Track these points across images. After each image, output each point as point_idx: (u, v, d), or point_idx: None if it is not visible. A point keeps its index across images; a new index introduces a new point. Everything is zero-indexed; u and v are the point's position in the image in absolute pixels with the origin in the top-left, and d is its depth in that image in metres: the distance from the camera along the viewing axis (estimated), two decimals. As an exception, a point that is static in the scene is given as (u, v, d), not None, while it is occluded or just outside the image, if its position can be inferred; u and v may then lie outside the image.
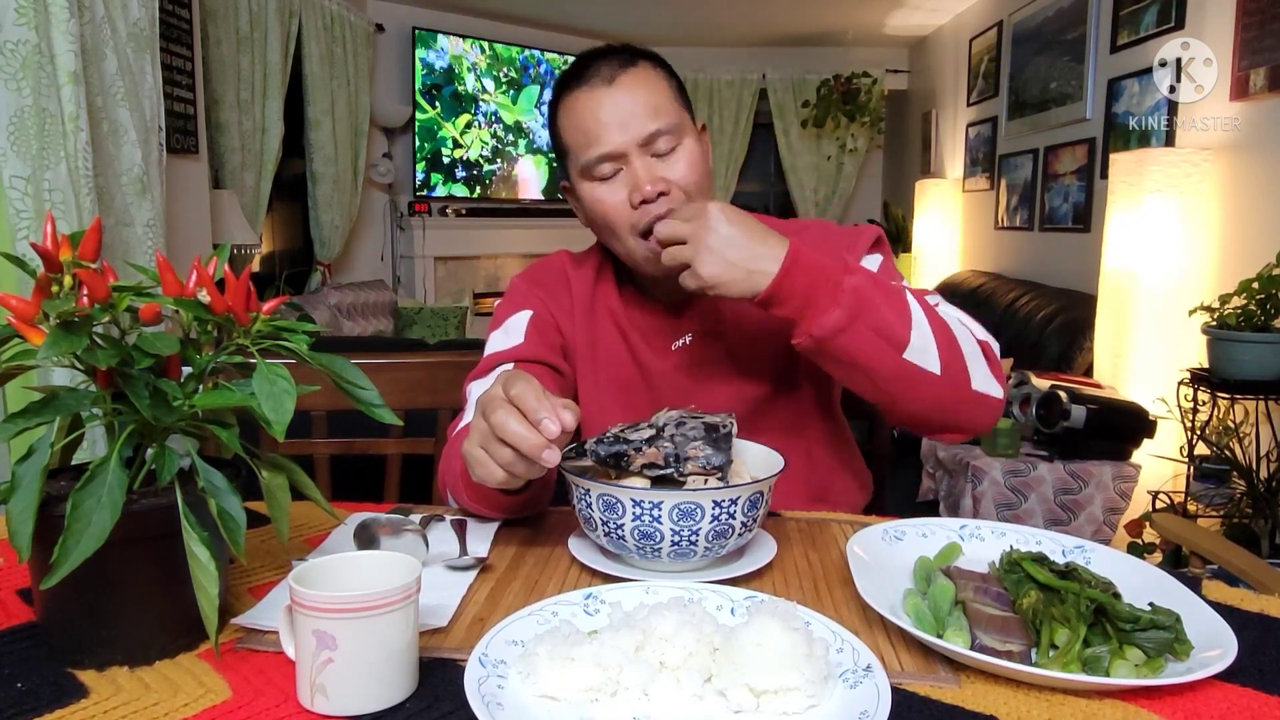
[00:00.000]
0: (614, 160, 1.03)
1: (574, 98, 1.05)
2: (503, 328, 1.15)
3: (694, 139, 1.06)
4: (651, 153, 1.03)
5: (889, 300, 0.93)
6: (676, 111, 1.05)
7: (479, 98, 5.94)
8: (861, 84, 6.37)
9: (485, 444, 0.79)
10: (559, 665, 0.61)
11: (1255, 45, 2.61)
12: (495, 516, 0.96)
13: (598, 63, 1.05)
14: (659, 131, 1.02)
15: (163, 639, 0.67)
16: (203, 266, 0.70)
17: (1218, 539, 1.89)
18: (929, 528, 0.88)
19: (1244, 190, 2.68)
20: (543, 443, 0.75)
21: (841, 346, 0.91)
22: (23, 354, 0.65)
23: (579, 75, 1.06)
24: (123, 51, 2.22)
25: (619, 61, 1.05)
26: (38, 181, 1.92)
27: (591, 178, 1.05)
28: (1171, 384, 2.61)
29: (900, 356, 0.92)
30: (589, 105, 1.03)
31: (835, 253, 1.03)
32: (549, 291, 1.18)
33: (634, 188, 1.02)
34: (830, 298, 0.90)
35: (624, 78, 1.03)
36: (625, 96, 1.02)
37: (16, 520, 0.60)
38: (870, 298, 0.91)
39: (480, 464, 0.80)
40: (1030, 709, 0.61)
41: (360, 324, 4.86)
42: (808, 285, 0.90)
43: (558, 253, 1.24)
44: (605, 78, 1.03)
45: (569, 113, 1.06)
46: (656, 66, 1.07)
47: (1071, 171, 3.93)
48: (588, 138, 1.03)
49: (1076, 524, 2.59)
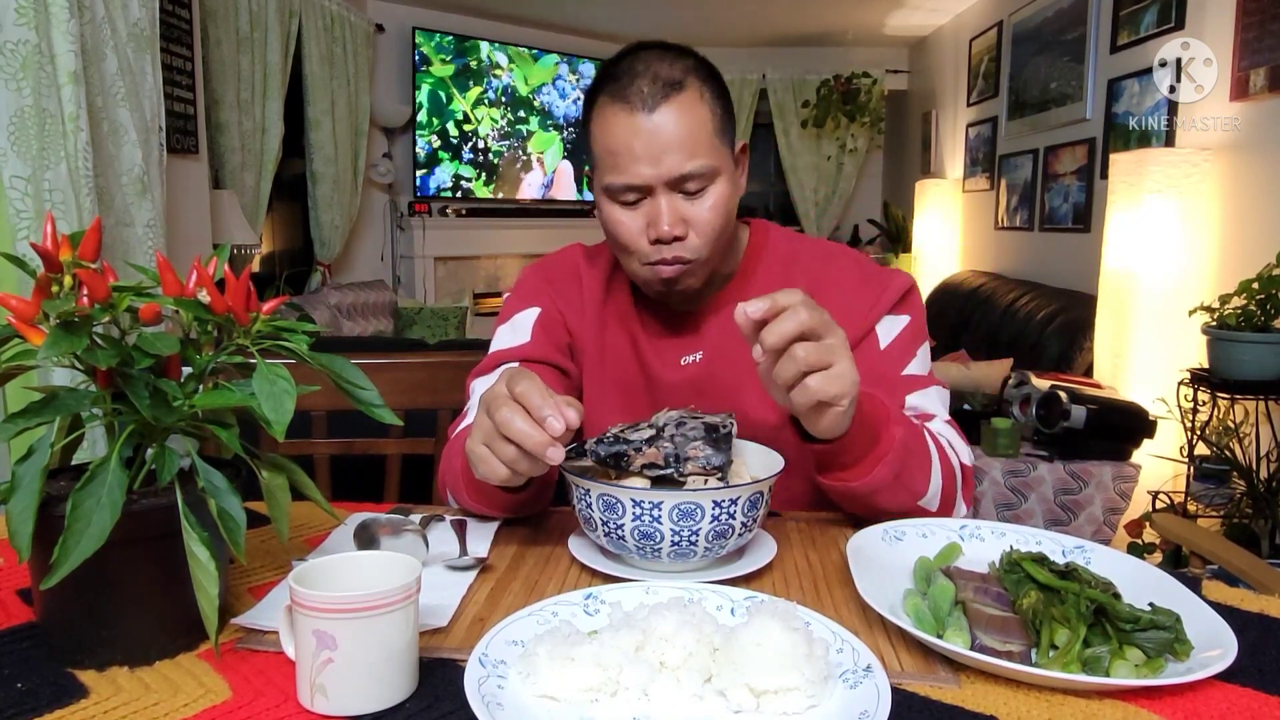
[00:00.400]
0: (638, 191, 0.99)
1: (612, 111, 0.98)
2: (509, 324, 1.14)
3: (725, 181, 1.00)
4: (679, 190, 0.99)
5: (920, 454, 0.92)
6: (714, 150, 0.99)
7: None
8: (861, 84, 6.37)
9: (489, 441, 0.79)
10: (559, 665, 0.61)
11: (1255, 45, 2.61)
12: (496, 515, 0.96)
13: (643, 75, 0.97)
14: (690, 175, 0.97)
15: (163, 639, 0.67)
16: (203, 266, 0.70)
17: (1218, 539, 1.89)
18: (929, 528, 0.88)
19: (1244, 190, 2.68)
20: (547, 440, 0.75)
21: (874, 502, 0.91)
22: (23, 354, 0.65)
23: (621, 84, 0.98)
24: (123, 51, 2.22)
25: (665, 85, 0.96)
26: (38, 181, 1.92)
27: (613, 199, 1.01)
28: (1171, 384, 2.61)
29: (914, 503, 0.93)
30: (623, 130, 0.97)
31: (858, 317, 1.04)
32: (559, 288, 1.16)
33: (652, 223, 0.99)
34: (881, 452, 0.88)
35: (665, 108, 0.96)
36: (663, 130, 0.96)
37: (16, 520, 0.60)
38: (910, 455, 0.90)
39: (483, 461, 0.80)
40: (1030, 709, 0.61)
41: (360, 324, 4.86)
42: (865, 441, 0.87)
43: (571, 246, 1.21)
44: (646, 102, 0.96)
45: (602, 125, 1.00)
46: (705, 92, 0.99)
47: (1071, 171, 3.93)
48: (616, 162, 0.98)
49: (1076, 524, 2.59)
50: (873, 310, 1.06)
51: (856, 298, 1.06)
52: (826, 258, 1.12)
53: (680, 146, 0.96)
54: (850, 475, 0.89)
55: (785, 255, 1.13)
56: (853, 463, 0.89)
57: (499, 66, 5.99)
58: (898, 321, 1.07)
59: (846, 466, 0.89)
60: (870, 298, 1.06)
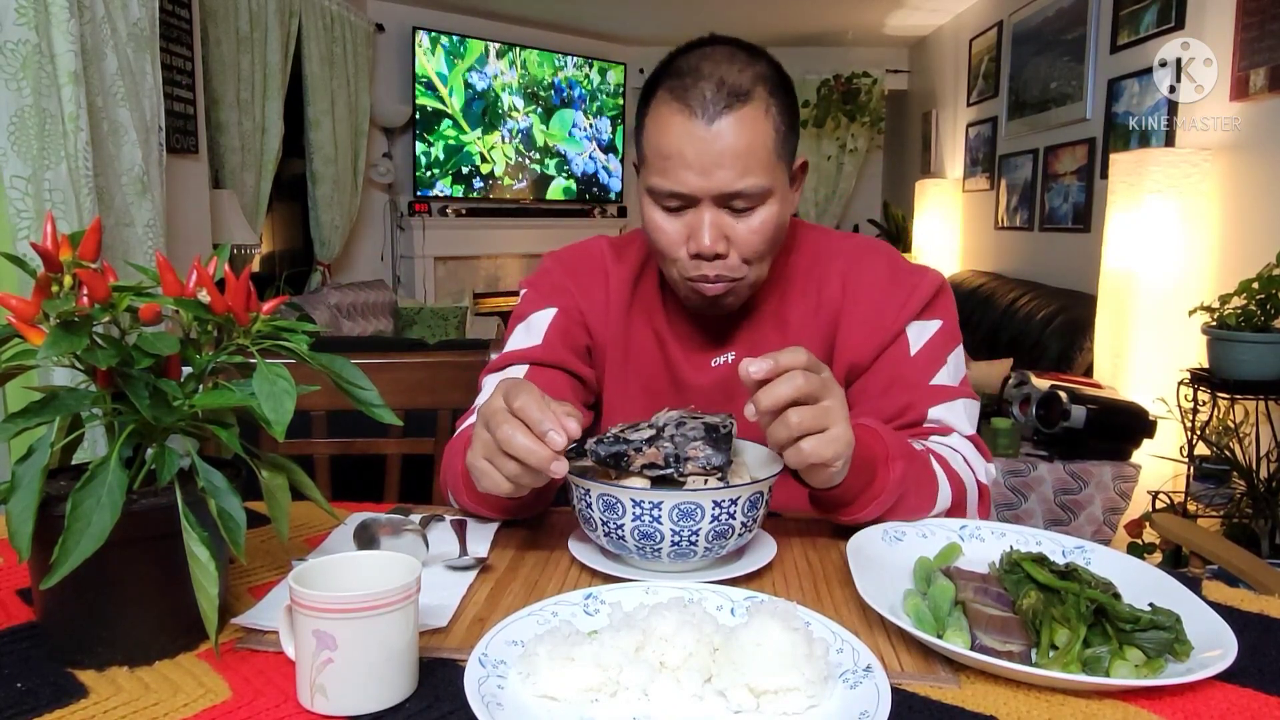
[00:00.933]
0: (683, 199, 0.95)
1: (669, 111, 0.93)
2: (525, 324, 1.11)
3: (778, 201, 0.96)
4: (726, 206, 0.94)
5: (922, 483, 0.91)
6: (770, 169, 0.93)
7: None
8: (861, 84, 6.37)
9: (490, 456, 0.78)
10: (559, 665, 0.61)
11: (1255, 45, 2.61)
12: (497, 518, 0.96)
13: (709, 80, 0.92)
14: (740, 193, 0.93)
15: (163, 639, 0.67)
16: (203, 266, 0.70)
17: (1218, 539, 1.89)
18: (929, 528, 0.88)
19: (1244, 190, 2.68)
20: (550, 455, 0.74)
21: (867, 525, 0.90)
22: (23, 354, 0.65)
23: (684, 80, 0.93)
24: (123, 51, 2.22)
25: (730, 94, 0.91)
26: (38, 181, 1.92)
27: (656, 202, 0.97)
28: (1171, 384, 2.61)
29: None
30: (678, 134, 0.92)
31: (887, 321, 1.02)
32: (583, 285, 1.11)
33: (693, 236, 0.95)
34: (876, 491, 0.87)
35: (728, 119, 0.91)
36: (719, 143, 0.91)
37: (16, 520, 0.60)
38: (909, 490, 0.89)
39: (485, 475, 0.79)
40: (1030, 709, 0.61)
41: (360, 324, 4.86)
42: (861, 482, 0.86)
43: (596, 239, 1.17)
44: (707, 110, 0.91)
45: (657, 123, 0.95)
46: (772, 106, 0.94)
47: (1071, 171, 3.93)
48: (665, 166, 0.93)
49: (1076, 524, 2.59)
50: (902, 312, 1.03)
51: (886, 299, 1.04)
52: (856, 255, 1.08)
53: (735, 162, 0.91)
54: (845, 514, 0.89)
55: (815, 250, 1.10)
56: (849, 503, 0.88)
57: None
58: (929, 327, 1.03)
59: (842, 506, 0.89)
60: (900, 299, 1.03)
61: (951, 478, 0.95)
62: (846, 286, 1.06)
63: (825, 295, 1.06)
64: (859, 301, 1.05)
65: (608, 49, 6.67)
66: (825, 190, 6.86)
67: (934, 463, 0.94)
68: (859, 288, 1.05)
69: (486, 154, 5.97)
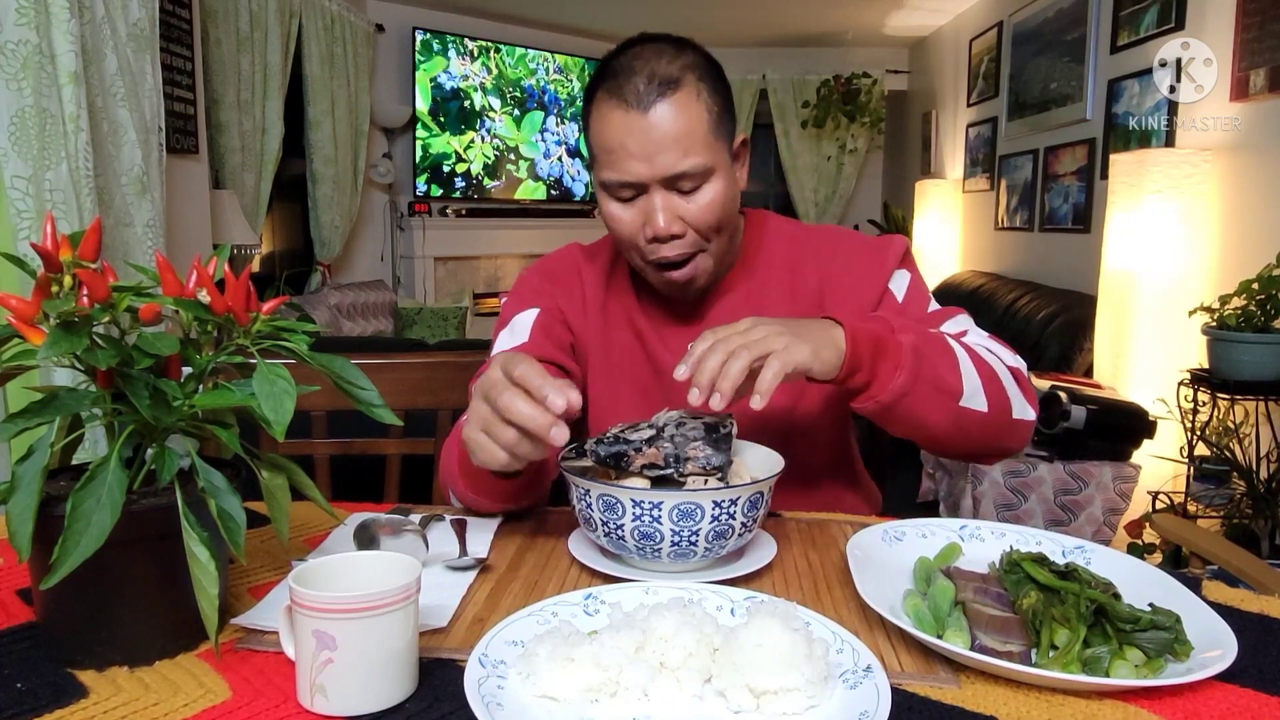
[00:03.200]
0: (634, 188, 1.00)
1: (607, 108, 0.99)
2: (509, 327, 1.14)
3: (723, 177, 1.01)
4: (674, 188, 1.00)
5: (940, 353, 0.92)
6: (709, 147, 0.99)
7: (485, 114, 5.96)
8: (861, 84, 6.37)
9: (488, 428, 0.79)
10: (559, 666, 0.61)
11: (1255, 46, 2.61)
12: (494, 508, 0.96)
13: (640, 73, 0.98)
14: (684, 174, 0.98)
15: (163, 639, 0.67)
16: (203, 267, 0.70)
17: (1218, 539, 1.89)
18: (929, 528, 0.88)
19: (1244, 191, 2.68)
20: (550, 420, 0.75)
21: (907, 407, 0.91)
22: (23, 354, 0.65)
23: (618, 79, 0.99)
24: (123, 52, 2.22)
25: (660, 83, 0.97)
26: (39, 181, 1.92)
27: (610, 195, 1.02)
28: (1171, 384, 2.61)
29: (956, 404, 0.92)
30: (618, 127, 0.98)
31: (870, 283, 1.08)
32: (560, 288, 1.16)
33: (648, 220, 1.00)
34: (893, 363, 0.89)
35: (660, 107, 0.96)
36: (657, 129, 0.96)
37: (16, 520, 0.60)
38: (927, 355, 0.91)
39: (481, 448, 0.80)
40: (1030, 710, 0.61)
41: (360, 324, 4.86)
42: (871, 353, 0.89)
43: (569, 246, 1.22)
44: (641, 100, 0.97)
45: (599, 121, 1.01)
46: (702, 89, 1.00)
47: (1071, 172, 3.93)
48: (611, 159, 0.99)
49: (1076, 524, 2.59)
50: (882, 270, 1.10)
51: (865, 265, 1.10)
52: (827, 238, 1.15)
53: (674, 145, 0.97)
54: (874, 393, 0.90)
55: (789, 239, 1.15)
56: (870, 381, 0.89)
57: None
58: (904, 276, 1.11)
59: (867, 386, 0.90)
60: (877, 261, 1.10)
61: (971, 354, 0.96)
62: (822, 268, 1.12)
63: (800, 278, 1.12)
64: (837, 278, 1.11)
65: (607, 49, 6.67)
66: (825, 190, 6.86)
67: (949, 339, 0.96)
68: (834, 266, 1.11)
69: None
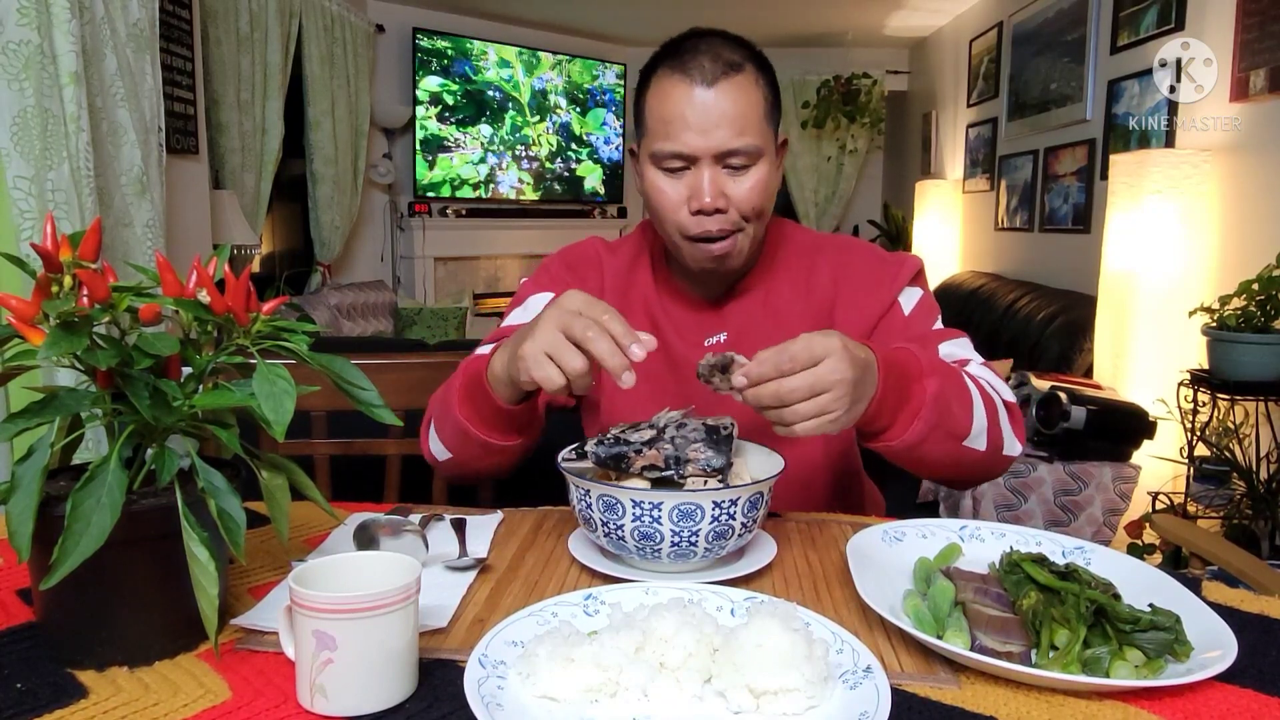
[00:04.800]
0: (685, 160, 1.02)
1: (670, 82, 1.02)
2: (524, 305, 1.16)
3: (769, 164, 1.04)
4: (724, 165, 1.02)
5: (957, 396, 0.93)
6: (761, 133, 1.03)
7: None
8: (861, 85, 6.37)
9: (554, 351, 0.81)
10: (559, 666, 0.61)
11: (1255, 46, 2.61)
12: (483, 436, 0.95)
13: (705, 53, 1.02)
14: (737, 151, 1.00)
15: (162, 639, 0.67)
16: (203, 267, 0.70)
17: (1217, 540, 1.89)
18: (929, 528, 0.88)
19: (1244, 191, 2.68)
20: (626, 363, 0.79)
21: (919, 455, 0.92)
22: (23, 354, 0.65)
23: (682, 57, 1.02)
24: (123, 52, 2.22)
25: (726, 63, 1.01)
26: (41, 181, 1.92)
27: (659, 166, 1.04)
28: (1171, 385, 2.61)
29: (960, 445, 0.94)
30: (680, 99, 1.01)
31: (880, 295, 1.09)
32: (580, 275, 1.18)
33: (694, 194, 1.02)
34: (913, 411, 0.89)
35: (724, 84, 1.00)
36: (717, 105, 1.00)
37: (16, 520, 0.60)
38: (946, 403, 0.91)
39: (539, 365, 0.82)
40: (1030, 710, 0.61)
41: (360, 324, 4.86)
42: (896, 400, 0.89)
43: (590, 239, 1.24)
44: (707, 76, 1.00)
45: (659, 93, 1.03)
46: (760, 78, 1.04)
47: (1071, 172, 3.93)
48: (668, 130, 1.01)
49: (1076, 525, 2.59)
50: (894, 284, 1.11)
51: (877, 276, 1.12)
52: (844, 248, 1.17)
53: (732, 123, 1.00)
54: (889, 436, 0.90)
55: (805, 246, 1.17)
56: (888, 426, 0.90)
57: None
58: (914, 293, 1.13)
59: (885, 429, 0.90)
60: (889, 274, 1.12)
61: (983, 395, 0.97)
62: (836, 276, 1.14)
63: (815, 283, 1.14)
64: (849, 285, 1.13)
65: (607, 49, 6.67)
66: (825, 191, 6.85)
67: (966, 378, 0.97)
68: (848, 274, 1.13)
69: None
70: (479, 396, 0.94)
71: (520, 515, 1.00)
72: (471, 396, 0.95)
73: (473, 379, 0.96)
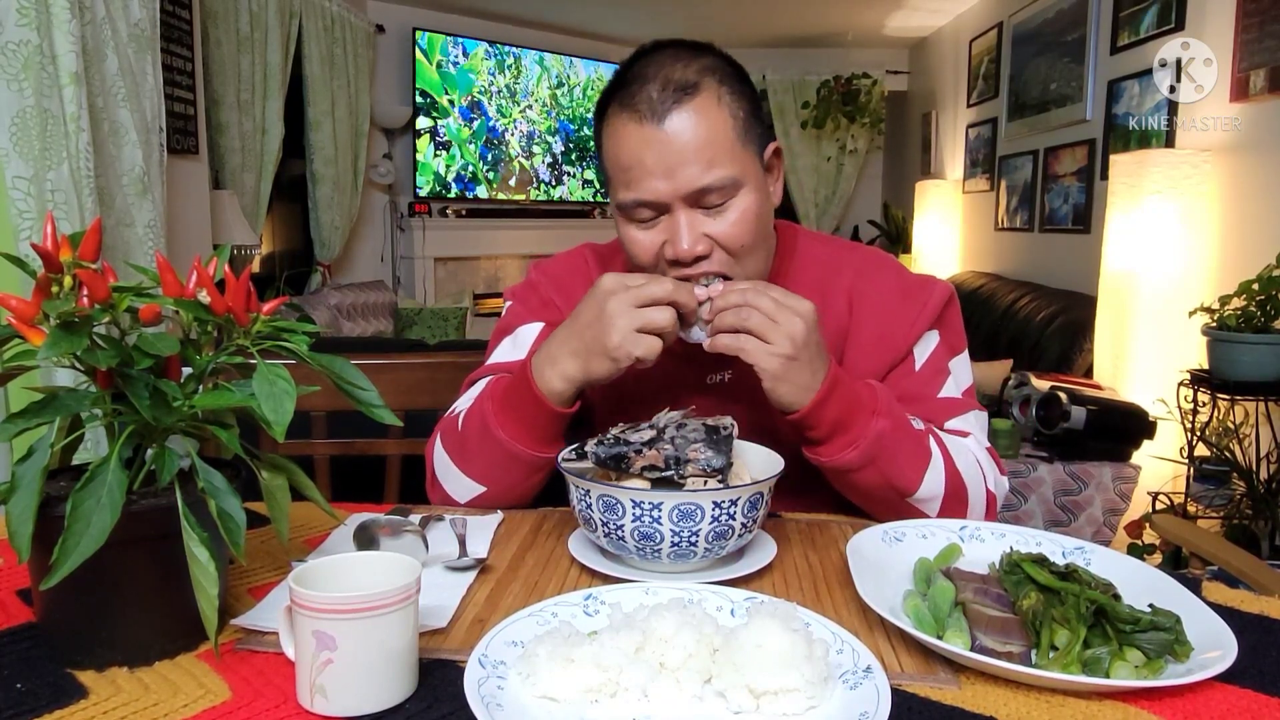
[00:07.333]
0: (653, 209, 0.92)
1: (619, 122, 0.91)
2: (513, 336, 1.09)
3: (753, 190, 0.92)
4: (699, 206, 0.91)
5: (910, 451, 0.92)
6: (736, 158, 0.90)
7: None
8: (861, 85, 6.37)
9: (642, 322, 0.85)
10: (559, 666, 0.61)
11: (1255, 46, 2.61)
12: (534, 454, 0.93)
13: (653, 81, 0.89)
14: (709, 187, 0.89)
15: (162, 640, 0.67)
16: (203, 267, 0.70)
17: (1217, 540, 1.89)
18: (929, 529, 0.88)
19: (1244, 191, 2.68)
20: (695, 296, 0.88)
21: (850, 482, 0.93)
22: (23, 354, 0.65)
23: (629, 90, 0.91)
24: (123, 52, 2.22)
25: (676, 89, 0.88)
26: (40, 182, 1.92)
27: (628, 218, 0.94)
28: (1171, 385, 2.61)
29: (902, 500, 0.93)
30: (634, 142, 0.89)
31: (896, 337, 1.02)
32: (568, 298, 1.07)
33: (671, 241, 0.91)
34: (848, 440, 0.89)
35: (679, 114, 0.88)
36: (676, 141, 0.88)
37: (16, 520, 0.60)
38: (892, 450, 0.90)
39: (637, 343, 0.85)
40: (1030, 710, 0.61)
41: (360, 325, 4.86)
42: (833, 423, 0.89)
43: (580, 248, 1.14)
44: (656, 110, 0.88)
45: (612, 137, 0.92)
46: (723, 94, 0.90)
47: (1071, 173, 3.93)
48: (628, 178, 0.91)
49: (1076, 525, 2.59)
50: (912, 329, 1.01)
51: (895, 318, 1.02)
52: (863, 270, 1.06)
53: (697, 157, 0.88)
54: (820, 452, 0.91)
55: (820, 264, 1.07)
56: (822, 440, 0.91)
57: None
58: (931, 340, 1.03)
59: (817, 443, 0.91)
60: (909, 317, 1.02)
61: (949, 468, 0.94)
62: (854, 305, 1.04)
63: (831, 312, 1.03)
64: (866, 321, 1.03)
65: (608, 49, 6.67)
66: (825, 191, 6.86)
67: (933, 444, 0.94)
68: (866, 306, 1.03)
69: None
70: (530, 410, 0.90)
71: (520, 515, 1.00)
72: (520, 416, 0.91)
73: (518, 396, 0.90)
